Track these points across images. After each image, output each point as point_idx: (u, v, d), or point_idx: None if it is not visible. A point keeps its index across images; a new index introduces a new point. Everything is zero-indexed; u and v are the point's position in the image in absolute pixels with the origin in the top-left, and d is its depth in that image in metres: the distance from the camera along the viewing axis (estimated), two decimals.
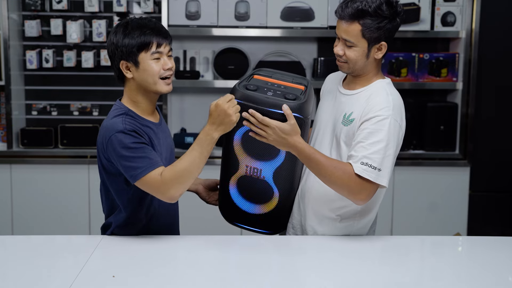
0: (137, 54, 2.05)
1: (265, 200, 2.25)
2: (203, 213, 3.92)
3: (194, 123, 4.25)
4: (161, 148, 2.15)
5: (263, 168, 2.18)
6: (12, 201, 3.93)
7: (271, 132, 2.02)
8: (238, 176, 2.23)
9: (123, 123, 2.04)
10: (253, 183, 2.22)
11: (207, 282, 1.84)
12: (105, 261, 1.98)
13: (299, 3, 3.96)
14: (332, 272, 1.92)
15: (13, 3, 3.98)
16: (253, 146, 2.14)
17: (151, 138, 2.10)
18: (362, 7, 2.05)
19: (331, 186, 2.08)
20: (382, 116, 2.07)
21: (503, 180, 4.28)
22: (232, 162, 2.20)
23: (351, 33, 2.09)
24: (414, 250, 2.23)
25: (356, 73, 2.18)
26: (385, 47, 2.13)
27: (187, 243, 2.19)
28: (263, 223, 2.31)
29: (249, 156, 2.16)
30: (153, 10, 4.06)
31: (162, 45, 2.07)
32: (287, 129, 2.01)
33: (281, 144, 2.04)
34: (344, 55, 2.13)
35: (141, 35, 2.04)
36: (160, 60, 2.07)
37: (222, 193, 2.32)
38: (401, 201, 4.03)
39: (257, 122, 2.03)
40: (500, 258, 2.06)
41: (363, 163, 2.02)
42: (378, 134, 2.05)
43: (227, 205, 2.33)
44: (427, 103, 4.09)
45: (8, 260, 2.02)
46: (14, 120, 4.02)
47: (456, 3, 4.00)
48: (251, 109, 2.03)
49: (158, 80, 2.09)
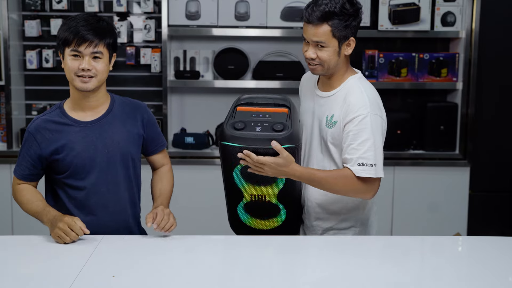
0: (62, 48, 2.15)
1: (274, 216, 2.32)
2: (203, 213, 3.93)
3: (194, 123, 4.25)
4: (79, 148, 2.19)
5: (267, 193, 2.24)
6: (12, 201, 3.92)
7: (267, 169, 2.10)
8: (245, 203, 2.30)
9: (34, 120, 2.23)
10: (259, 205, 2.29)
11: (207, 282, 1.84)
12: (105, 261, 1.98)
13: (299, 3, 3.96)
14: (332, 272, 1.92)
15: (13, 3, 3.98)
16: (254, 176, 2.18)
17: (59, 137, 2.19)
18: (329, 9, 2.14)
19: (339, 194, 2.22)
20: (361, 115, 2.16)
21: (503, 180, 4.28)
22: (236, 192, 2.27)
23: (322, 34, 2.17)
24: (414, 250, 2.23)
25: (330, 73, 2.25)
26: (353, 42, 2.23)
27: (187, 243, 2.19)
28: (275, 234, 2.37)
29: (251, 185, 2.23)
30: (153, 10, 4.06)
31: (82, 45, 2.10)
32: (282, 162, 2.09)
33: (280, 175, 2.14)
34: (317, 58, 2.20)
35: (67, 31, 2.11)
36: (80, 59, 2.12)
37: (230, 215, 2.39)
38: (401, 201, 4.03)
39: (253, 162, 2.10)
40: (500, 258, 2.06)
41: (360, 164, 2.13)
42: (363, 133, 2.15)
43: (237, 224, 2.40)
44: (427, 103, 4.09)
45: (8, 260, 2.02)
46: (14, 120, 4.02)
47: (456, 3, 4.00)
48: (245, 150, 2.10)
49: (73, 76, 2.15)
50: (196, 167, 3.99)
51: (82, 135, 2.20)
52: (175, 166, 4.03)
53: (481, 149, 4.21)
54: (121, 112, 2.28)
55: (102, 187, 2.23)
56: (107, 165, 2.23)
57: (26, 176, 2.27)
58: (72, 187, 2.23)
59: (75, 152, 2.19)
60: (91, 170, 2.21)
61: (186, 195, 3.98)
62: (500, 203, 4.30)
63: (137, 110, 2.32)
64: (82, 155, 2.20)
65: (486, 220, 4.26)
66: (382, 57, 4.02)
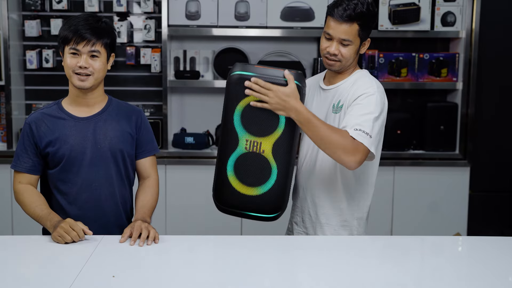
0: (62, 46, 2.23)
1: (263, 179, 2.28)
2: (203, 213, 3.92)
3: (194, 123, 4.25)
4: (72, 141, 2.25)
5: (263, 141, 2.25)
6: (12, 201, 3.92)
7: (272, 95, 2.12)
8: (237, 155, 2.27)
9: (31, 114, 2.30)
10: (251, 161, 2.26)
11: (207, 282, 1.84)
12: (105, 261, 1.98)
13: (299, 3, 3.96)
14: (332, 272, 1.92)
15: (13, 3, 3.98)
16: (253, 122, 2.22)
17: (54, 130, 2.25)
18: (360, 10, 2.24)
19: (328, 148, 2.17)
20: (369, 93, 2.24)
21: (503, 180, 4.29)
22: (232, 139, 2.27)
23: (350, 33, 2.26)
24: (414, 250, 2.23)
25: (344, 70, 2.34)
26: (368, 42, 2.35)
27: (187, 243, 2.19)
28: (260, 206, 2.30)
29: (249, 133, 2.24)
30: (153, 10, 4.06)
31: (81, 43, 2.18)
32: (288, 92, 2.13)
33: (282, 108, 2.14)
34: (339, 54, 2.27)
35: (67, 30, 2.20)
36: (78, 57, 2.20)
37: (218, 177, 2.32)
38: (401, 201, 4.03)
39: (259, 88, 2.13)
40: (500, 258, 2.06)
41: (356, 129, 2.17)
42: (367, 107, 2.21)
43: (222, 190, 2.32)
44: (427, 103, 4.09)
45: (8, 260, 2.02)
46: (14, 120, 4.02)
47: (456, 3, 4.00)
48: (254, 78, 2.15)
49: (72, 73, 2.22)
50: (196, 167, 3.99)
51: (76, 129, 2.26)
52: (175, 166, 4.08)
53: (481, 149, 4.21)
54: (116, 112, 2.34)
55: (94, 182, 2.27)
56: (99, 161, 2.27)
57: (29, 168, 2.28)
58: (65, 182, 2.27)
59: (68, 145, 2.24)
60: (83, 164, 2.25)
61: (186, 195, 3.98)
62: (500, 203, 4.30)
63: (133, 112, 2.38)
64: (75, 149, 2.25)
65: (486, 220, 4.26)
66: (382, 57, 4.02)
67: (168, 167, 3.98)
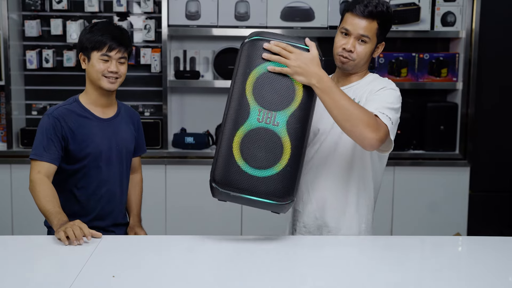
0: (90, 51, 2.37)
1: (275, 159, 2.03)
2: (202, 213, 3.93)
3: (194, 123, 4.25)
4: (98, 140, 2.40)
5: (277, 114, 2.04)
6: (12, 201, 3.93)
7: (294, 58, 2.02)
8: (248, 129, 2.03)
9: (56, 108, 2.38)
10: (262, 137, 2.03)
11: (207, 282, 1.84)
12: (105, 261, 1.98)
13: (299, 3, 3.96)
14: (332, 272, 1.92)
15: (13, 3, 3.99)
16: (267, 92, 2.03)
17: (81, 128, 2.37)
18: (381, 8, 2.23)
19: (349, 121, 2.03)
20: (389, 87, 2.24)
21: (503, 180, 4.29)
22: (242, 110, 2.04)
23: (369, 29, 2.23)
24: (414, 250, 2.23)
25: (355, 70, 2.29)
26: (382, 46, 2.31)
27: (187, 243, 2.19)
28: (269, 190, 2.03)
29: (261, 105, 2.03)
30: (153, 10, 4.06)
31: (114, 50, 2.37)
32: (310, 57, 2.04)
33: (303, 72, 2.02)
34: (355, 52, 2.23)
35: (99, 36, 2.36)
36: (108, 62, 2.37)
37: (221, 154, 2.05)
38: (401, 201, 4.03)
39: (280, 49, 2.03)
40: (500, 258, 2.06)
41: (381, 112, 2.11)
42: (388, 97, 2.19)
43: (225, 169, 2.03)
44: (427, 103, 4.09)
45: (8, 260, 2.02)
46: (14, 120, 4.02)
47: (456, 3, 4.01)
48: (273, 41, 2.04)
49: (101, 76, 2.38)
50: (196, 167, 3.99)
51: (100, 129, 2.43)
52: (175, 166, 4.08)
53: (481, 149, 4.21)
54: (125, 115, 2.54)
55: (111, 178, 2.45)
56: (116, 160, 2.46)
57: (56, 159, 2.33)
58: (84, 177, 2.40)
59: (94, 143, 2.39)
60: (104, 162, 2.42)
61: (186, 195, 3.99)
62: (500, 203, 4.30)
63: (133, 115, 2.60)
64: (100, 148, 2.40)
65: (486, 220, 4.26)
66: (382, 57, 4.02)
67: (168, 167, 3.98)
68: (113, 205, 2.48)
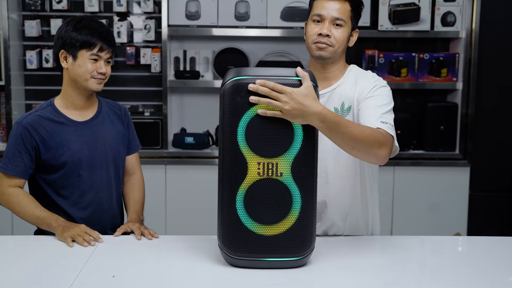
0: (78, 50, 2.22)
1: (285, 211, 1.85)
2: (202, 214, 3.92)
3: (194, 123, 4.25)
4: (75, 147, 2.25)
5: (278, 161, 1.82)
6: None
7: (286, 99, 1.74)
8: (248, 184, 1.83)
9: (26, 116, 2.24)
10: (267, 189, 1.83)
11: (207, 282, 1.84)
12: (105, 261, 1.98)
13: (299, 3, 3.96)
14: (332, 272, 1.92)
15: (13, 3, 3.99)
16: (262, 139, 1.80)
17: (54, 135, 2.23)
18: None
19: (363, 148, 1.91)
20: (379, 84, 2.15)
21: (503, 180, 4.28)
22: (238, 165, 1.82)
23: (343, 12, 2.14)
24: (414, 250, 2.23)
25: (334, 59, 2.19)
26: (356, 34, 2.23)
27: (187, 243, 2.19)
28: (285, 247, 1.86)
29: (259, 155, 1.81)
30: (153, 10, 4.06)
31: (104, 51, 2.24)
32: (305, 92, 1.76)
33: (300, 114, 1.76)
34: (332, 37, 2.14)
35: (88, 35, 2.22)
36: (97, 62, 2.24)
37: (225, 218, 1.86)
38: (401, 201, 4.03)
39: (269, 91, 1.76)
40: (500, 258, 2.06)
41: (382, 122, 2.04)
42: (383, 98, 2.12)
43: (233, 235, 1.86)
44: (427, 103, 4.09)
45: (8, 260, 2.02)
46: (14, 120, 4.01)
47: (456, 3, 4.01)
48: (259, 80, 1.76)
49: (89, 78, 2.24)
50: (196, 167, 3.99)
51: (77, 135, 2.26)
52: (175, 166, 4.07)
53: (481, 149, 4.21)
54: (108, 112, 2.38)
55: (95, 185, 2.29)
56: (100, 164, 2.29)
57: (21, 172, 2.21)
58: (65, 187, 2.26)
59: (70, 151, 2.24)
60: (85, 169, 2.27)
61: (186, 195, 3.99)
62: (500, 203, 4.30)
63: (121, 111, 2.42)
64: (77, 154, 2.25)
65: (486, 220, 4.26)
66: (382, 57, 4.02)
67: (168, 167, 3.98)
68: (101, 214, 2.31)
